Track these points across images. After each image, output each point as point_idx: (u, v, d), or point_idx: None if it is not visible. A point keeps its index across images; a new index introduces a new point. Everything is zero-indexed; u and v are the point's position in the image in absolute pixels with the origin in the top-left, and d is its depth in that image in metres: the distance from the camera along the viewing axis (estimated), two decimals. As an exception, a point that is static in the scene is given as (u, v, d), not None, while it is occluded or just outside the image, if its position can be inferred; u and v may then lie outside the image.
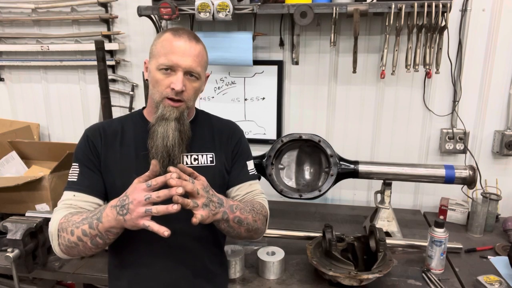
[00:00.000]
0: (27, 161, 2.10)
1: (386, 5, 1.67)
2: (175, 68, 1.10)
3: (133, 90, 2.22)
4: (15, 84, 2.39)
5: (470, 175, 1.59)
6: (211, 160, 1.22)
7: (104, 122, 1.26)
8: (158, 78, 1.11)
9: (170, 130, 1.10)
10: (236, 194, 1.26)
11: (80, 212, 1.07)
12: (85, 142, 1.17)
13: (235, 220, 1.10)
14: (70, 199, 1.12)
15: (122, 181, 1.12)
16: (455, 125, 1.93)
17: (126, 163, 1.16)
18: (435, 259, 1.41)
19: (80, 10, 2.18)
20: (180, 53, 1.09)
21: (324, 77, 2.01)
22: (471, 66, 1.86)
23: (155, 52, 1.13)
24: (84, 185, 1.14)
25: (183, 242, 1.17)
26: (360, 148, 2.06)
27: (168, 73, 1.10)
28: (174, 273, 1.17)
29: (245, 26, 2.01)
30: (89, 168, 1.15)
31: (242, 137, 1.33)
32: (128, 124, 1.23)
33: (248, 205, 1.17)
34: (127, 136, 1.20)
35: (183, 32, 1.12)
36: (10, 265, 1.38)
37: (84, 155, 1.16)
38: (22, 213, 1.59)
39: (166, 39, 1.11)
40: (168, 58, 1.08)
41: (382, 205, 1.67)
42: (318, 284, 1.37)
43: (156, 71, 1.11)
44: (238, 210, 1.11)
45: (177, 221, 1.04)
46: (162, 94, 1.11)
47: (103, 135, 1.18)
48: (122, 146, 1.18)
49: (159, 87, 1.11)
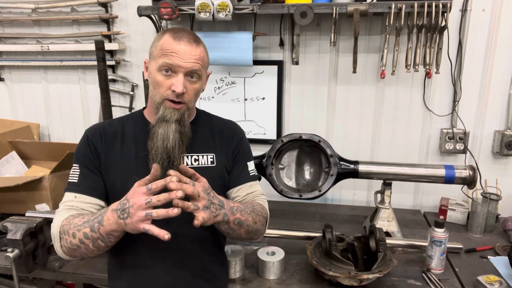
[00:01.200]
0: (27, 161, 2.10)
1: (386, 5, 1.67)
2: (175, 70, 1.09)
3: (133, 90, 2.22)
4: (15, 84, 2.39)
5: (470, 175, 1.59)
6: (212, 161, 1.22)
7: (105, 122, 1.25)
8: (159, 79, 1.10)
9: (171, 132, 1.10)
10: (236, 195, 1.26)
11: (81, 215, 1.07)
12: (85, 143, 1.17)
13: (235, 222, 1.10)
14: (72, 201, 1.12)
15: (122, 181, 1.13)
16: (455, 125, 1.93)
17: (126, 163, 1.16)
18: (435, 259, 1.41)
19: (80, 10, 2.18)
20: (181, 55, 1.08)
21: (324, 77, 2.01)
22: (471, 66, 1.86)
23: (155, 53, 1.12)
24: (84, 186, 1.14)
25: (183, 243, 1.17)
26: (360, 148, 2.06)
27: (168, 75, 1.10)
28: (174, 274, 1.17)
29: (245, 26, 2.01)
30: (90, 169, 1.15)
31: (243, 138, 1.32)
32: (129, 125, 1.23)
33: (248, 206, 1.17)
34: (127, 137, 1.20)
35: (183, 33, 1.11)
36: (10, 265, 1.38)
37: (85, 156, 1.16)
38: (22, 213, 1.59)
39: (166, 40, 1.10)
40: (168, 59, 1.08)
41: (382, 205, 1.67)
42: (318, 284, 1.37)
43: (157, 73, 1.10)
44: (238, 212, 1.11)
45: (178, 222, 1.04)
46: (162, 96, 1.11)
47: (103, 136, 1.18)
48: (122, 147, 1.18)
49: (160, 89, 1.11)
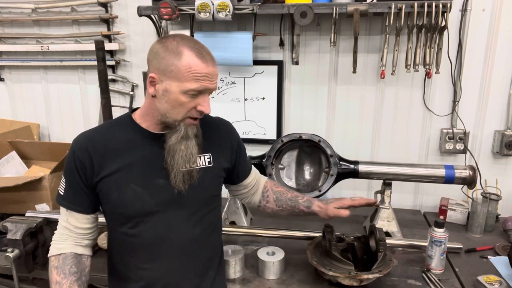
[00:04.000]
0: (27, 161, 2.10)
1: (386, 5, 1.67)
2: (204, 92, 1.08)
3: (133, 90, 2.22)
4: (15, 84, 2.39)
5: (470, 175, 1.59)
6: (209, 161, 1.21)
7: (91, 133, 1.17)
8: (183, 101, 1.06)
9: (193, 148, 1.11)
10: (247, 183, 1.38)
11: (66, 273, 1.13)
12: (72, 159, 1.12)
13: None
14: (65, 217, 1.16)
15: (118, 192, 1.11)
16: (455, 125, 1.93)
17: (121, 173, 1.11)
18: (435, 259, 1.41)
19: (80, 10, 2.18)
20: (210, 77, 1.06)
21: (324, 77, 2.01)
22: (471, 66, 1.86)
23: (179, 75, 1.03)
24: (70, 201, 1.15)
25: (184, 244, 1.17)
26: (360, 148, 2.06)
27: (196, 96, 1.07)
28: (175, 275, 1.17)
29: (245, 26, 2.01)
30: (74, 186, 1.13)
31: (236, 133, 1.35)
32: (118, 132, 1.16)
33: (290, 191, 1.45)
34: (119, 145, 1.13)
35: (205, 52, 1.07)
36: (10, 265, 1.39)
37: (70, 172, 1.12)
38: (22, 213, 1.59)
39: (195, 63, 1.03)
40: (201, 85, 1.05)
41: (382, 205, 1.67)
42: (318, 284, 1.37)
43: (181, 94, 1.05)
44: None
45: (178, 225, 1.10)
46: (184, 114, 1.08)
47: (93, 148, 1.11)
48: (115, 156, 1.12)
49: (183, 109, 1.07)
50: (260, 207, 1.44)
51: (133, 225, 1.13)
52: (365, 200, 1.40)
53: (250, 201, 1.44)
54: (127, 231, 1.13)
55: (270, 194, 1.43)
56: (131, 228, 1.13)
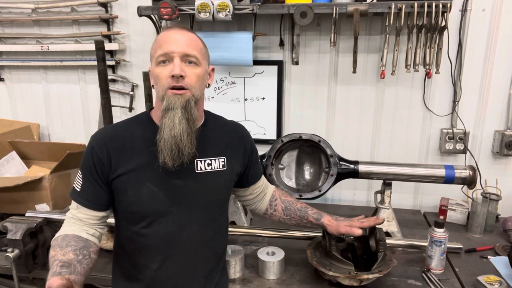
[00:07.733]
0: (27, 161, 2.10)
1: (386, 5, 1.67)
2: (171, 56, 1.08)
3: (133, 90, 2.22)
4: (15, 84, 2.39)
5: (470, 175, 1.59)
6: (223, 165, 1.21)
7: (110, 129, 1.19)
8: (158, 72, 1.09)
9: (177, 118, 1.06)
10: (256, 187, 1.37)
11: (63, 248, 1.05)
12: (90, 155, 1.12)
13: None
14: (74, 210, 1.14)
15: (134, 190, 1.11)
16: (455, 125, 1.93)
17: (138, 171, 1.12)
18: (435, 259, 1.41)
19: (80, 10, 2.18)
20: (173, 41, 1.08)
21: (324, 77, 2.01)
22: (471, 66, 1.86)
23: (152, 52, 1.13)
24: (85, 198, 1.13)
25: (194, 246, 1.17)
26: (360, 148, 2.06)
27: (166, 65, 1.09)
28: (183, 276, 1.18)
29: (245, 26, 2.01)
30: (91, 181, 1.12)
31: (249, 136, 1.34)
32: (136, 129, 1.17)
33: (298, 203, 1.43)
34: (136, 143, 1.14)
35: (174, 25, 1.13)
36: (10, 265, 1.39)
37: (88, 168, 1.12)
38: (22, 213, 1.59)
39: (160, 35, 1.13)
40: (163, 49, 1.08)
41: (382, 205, 1.67)
42: (318, 284, 1.37)
43: (156, 67, 1.10)
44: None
45: (190, 226, 1.13)
46: (164, 87, 1.08)
47: (111, 145, 1.12)
48: (132, 154, 1.13)
49: (161, 81, 1.09)
50: (267, 214, 1.43)
51: (146, 225, 1.13)
52: (373, 222, 1.39)
53: (256, 208, 1.43)
54: (140, 231, 1.13)
55: (279, 203, 1.41)
56: (144, 227, 1.13)
